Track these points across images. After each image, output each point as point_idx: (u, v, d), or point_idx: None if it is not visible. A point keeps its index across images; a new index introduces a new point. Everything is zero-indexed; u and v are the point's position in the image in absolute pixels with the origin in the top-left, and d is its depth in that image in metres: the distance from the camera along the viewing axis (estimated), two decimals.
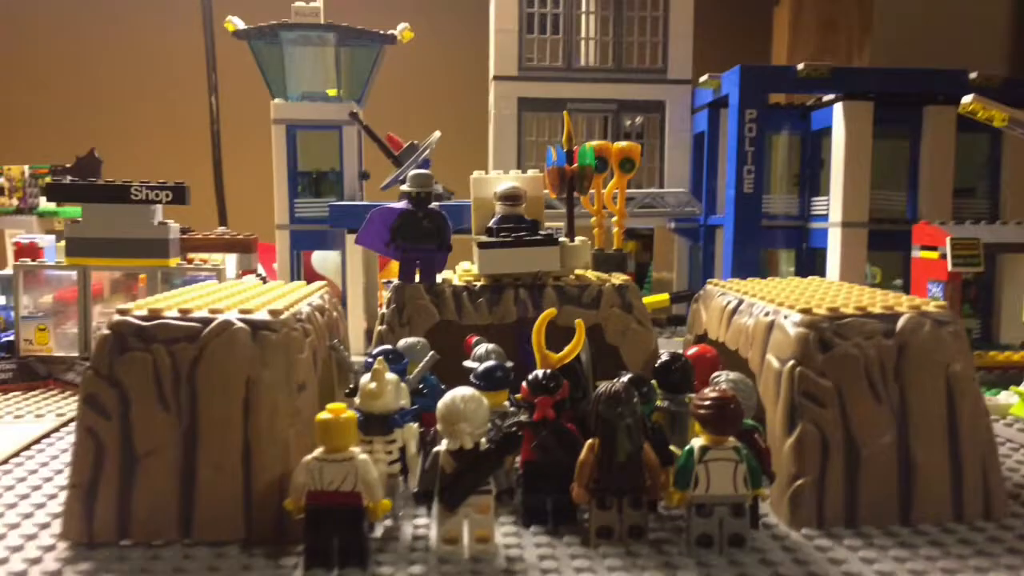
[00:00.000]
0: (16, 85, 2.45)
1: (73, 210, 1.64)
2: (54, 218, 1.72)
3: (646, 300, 1.52)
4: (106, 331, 0.71)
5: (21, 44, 2.44)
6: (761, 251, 1.67)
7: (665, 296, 1.57)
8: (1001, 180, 1.58)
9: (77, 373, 1.21)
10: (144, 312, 0.72)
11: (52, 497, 0.77)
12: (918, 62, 1.61)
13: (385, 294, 1.10)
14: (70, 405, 1.11)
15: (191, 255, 1.44)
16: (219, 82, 2.23)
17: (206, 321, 0.71)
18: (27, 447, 0.92)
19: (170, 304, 0.75)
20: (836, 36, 2.36)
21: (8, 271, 1.36)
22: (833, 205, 1.53)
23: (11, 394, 1.18)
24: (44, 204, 1.74)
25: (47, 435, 0.97)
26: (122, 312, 0.72)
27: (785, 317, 0.78)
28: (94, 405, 0.69)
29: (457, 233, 1.03)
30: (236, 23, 1.58)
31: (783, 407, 0.74)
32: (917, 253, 1.31)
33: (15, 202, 1.72)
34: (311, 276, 1.71)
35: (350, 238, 1.39)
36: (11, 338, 1.28)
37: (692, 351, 0.84)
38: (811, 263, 1.63)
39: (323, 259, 1.80)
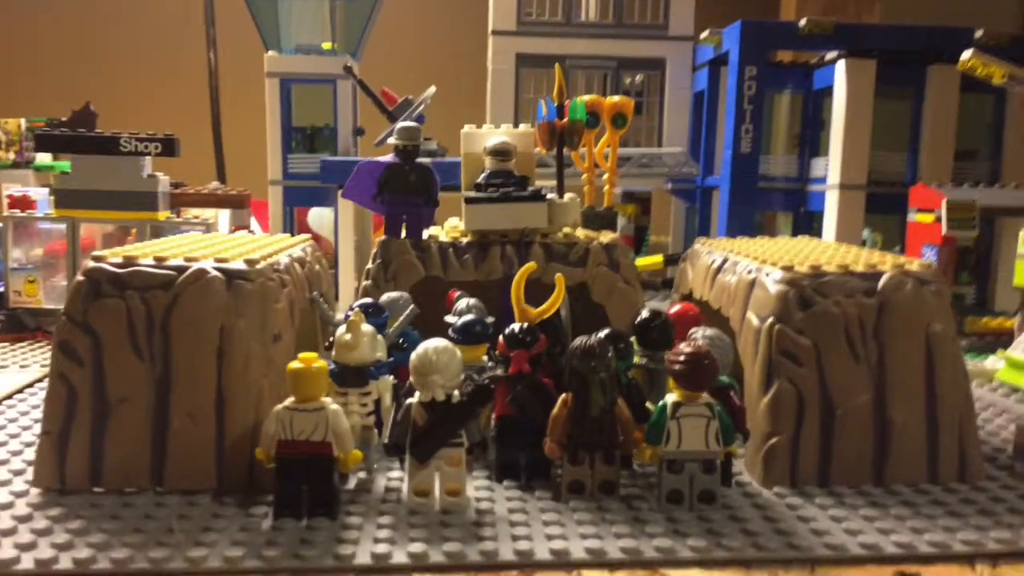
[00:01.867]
0: (15, 39, 2.43)
1: (68, 164, 1.63)
2: (51, 172, 1.71)
3: (640, 262, 1.51)
4: (80, 278, 0.71)
5: None
6: (759, 214, 1.65)
7: (659, 258, 1.56)
8: (1004, 142, 1.55)
9: None
10: (119, 259, 0.72)
11: (29, 445, 0.77)
12: (928, 23, 1.57)
13: None
14: None
15: (184, 210, 1.44)
16: (218, 36, 2.21)
17: (181, 269, 0.71)
18: (8, 396, 0.93)
19: (146, 252, 0.75)
20: None
21: None
22: (832, 167, 1.50)
23: None
24: (41, 158, 1.73)
25: (30, 385, 0.97)
26: (96, 259, 0.72)
27: (767, 275, 0.77)
28: (67, 352, 0.69)
29: (449, 189, 1.02)
30: None
31: (760, 365, 0.73)
32: (913, 216, 1.29)
33: (12, 156, 1.71)
34: (307, 233, 1.70)
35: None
36: (0, 289, 1.28)
37: (675, 309, 0.84)
38: (808, 227, 1.61)
39: (319, 216, 1.79)
